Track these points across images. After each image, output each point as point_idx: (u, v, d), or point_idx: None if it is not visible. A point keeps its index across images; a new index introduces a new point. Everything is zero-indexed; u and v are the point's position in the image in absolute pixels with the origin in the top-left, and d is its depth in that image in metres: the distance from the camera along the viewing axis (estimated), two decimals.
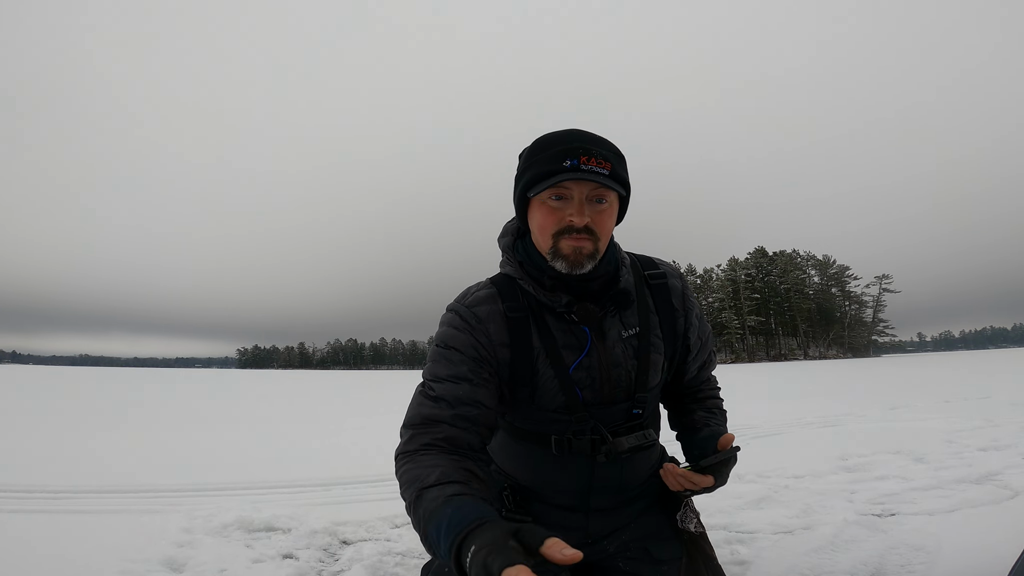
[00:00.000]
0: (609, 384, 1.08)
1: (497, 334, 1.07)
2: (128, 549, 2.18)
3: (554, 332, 1.08)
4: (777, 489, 3.08)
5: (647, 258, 1.23)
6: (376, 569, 2.05)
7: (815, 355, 69.92)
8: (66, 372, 38.26)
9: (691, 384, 1.25)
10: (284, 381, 26.70)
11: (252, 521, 2.58)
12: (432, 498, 0.83)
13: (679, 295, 1.19)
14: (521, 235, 1.16)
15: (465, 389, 1.02)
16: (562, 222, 1.02)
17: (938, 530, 2.26)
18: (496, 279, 1.15)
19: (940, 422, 5.56)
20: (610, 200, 1.04)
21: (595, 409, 1.08)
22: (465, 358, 1.05)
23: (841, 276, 74.00)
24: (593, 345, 1.08)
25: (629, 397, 1.10)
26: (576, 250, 1.02)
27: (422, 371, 1.10)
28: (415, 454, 0.96)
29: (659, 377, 1.15)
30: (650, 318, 1.14)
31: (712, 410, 1.22)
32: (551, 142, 1.04)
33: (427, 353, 1.12)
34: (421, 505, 0.84)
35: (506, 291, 1.11)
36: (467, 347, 1.06)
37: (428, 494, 0.84)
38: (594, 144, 1.02)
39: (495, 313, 1.09)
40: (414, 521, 0.86)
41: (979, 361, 25.51)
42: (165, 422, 7.36)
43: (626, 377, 1.09)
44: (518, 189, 1.08)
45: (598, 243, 1.03)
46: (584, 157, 0.99)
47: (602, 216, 1.03)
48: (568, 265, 1.03)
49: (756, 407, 7.60)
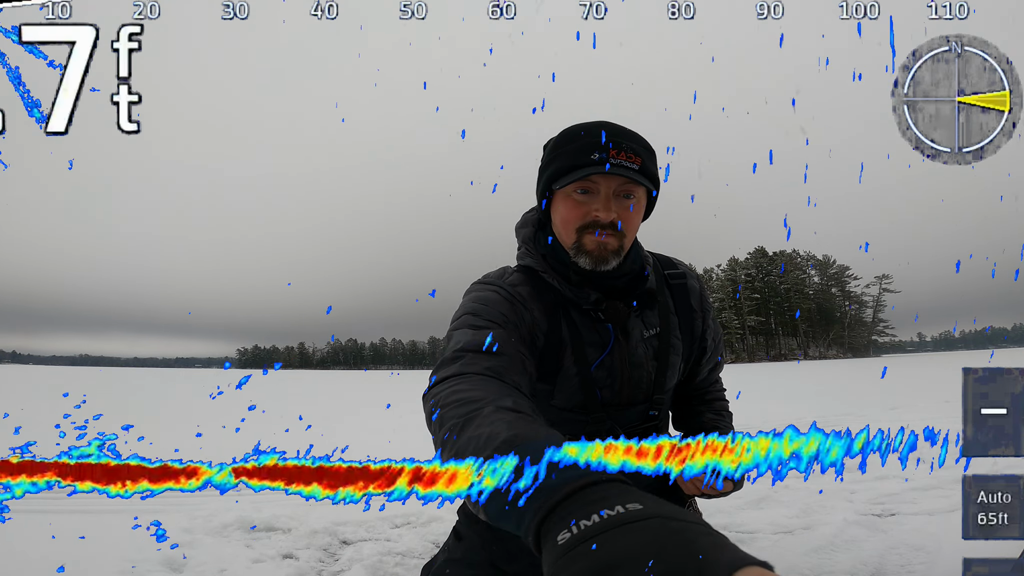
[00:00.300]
0: (629, 385, 1.06)
1: (537, 318, 1.00)
2: (128, 549, 2.18)
3: (580, 328, 1.04)
4: (777, 489, 3.08)
5: (666, 257, 1.20)
6: (376, 569, 2.05)
7: (815, 355, 69.96)
8: (71, 372, 38.27)
9: (700, 386, 1.23)
10: (285, 381, 26.69)
11: (252, 521, 2.58)
12: (522, 423, 0.58)
13: (697, 296, 1.17)
14: (541, 226, 1.11)
15: (502, 335, 0.89)
16: (587, 217, 0.99)
17: (938, 530, 2.26)
18: (519, 270, 1.09)
19: (940, 422, 5.55)
20: (638, 196, 1.00)
21: (612, 410, 1.06)
22: (507, 324, 0.94)
23: (841, 276, 74.06)
24: (616, 344, 1.05)
25: (647, 398, 1.08)
26: (600, 246, 0.98)
27: (445, 337, 0.96)
28: (461, 377, 0.77)
29: (676, 379, 1.13)
30: (670, 319, 1.11)
31: (720, 412, 1.21)
32: (579, 133, 1.00)
33: (447, 338, 0.94)
34: (489, 421, 0.59)
35: (534, 282, 1.06)
36: (509, 315, 0.96)
37: (503, 415, 0.60)
38: (624, 137, 0.98)
39: (533, 296, 1.02)
40: (460, 441, 0.59)
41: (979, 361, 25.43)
42: (163, 423, 7.36)
43: (646, 378, 1.07)
44: (543, 180, 1.04)
45: (623, 240, 1.00)
46: (614, 150, 0.95)
47: (629, 212, 1.00)
48: (592, 261, 0.99)
49: (756, 407, 7.60)
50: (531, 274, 1.06)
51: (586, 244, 0.99)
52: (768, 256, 74.54)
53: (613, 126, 1.00)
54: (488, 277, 1.07)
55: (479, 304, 0.97)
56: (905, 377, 14.88)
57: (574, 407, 1.05)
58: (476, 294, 1.00)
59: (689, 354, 1.16)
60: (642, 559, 0.34)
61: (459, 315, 0.97)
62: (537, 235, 1.10)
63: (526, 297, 1.01)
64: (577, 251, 1.00)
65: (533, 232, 1.10)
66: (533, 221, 1.12)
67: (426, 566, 1.17)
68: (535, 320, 1.00)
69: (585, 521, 0.39)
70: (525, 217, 1.15)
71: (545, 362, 1.01)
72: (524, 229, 1.12)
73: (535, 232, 1.10)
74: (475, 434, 0.57)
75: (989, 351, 45.86)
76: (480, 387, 0.72)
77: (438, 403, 0.70)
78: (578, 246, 1.00)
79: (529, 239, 1.10)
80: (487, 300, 0.97)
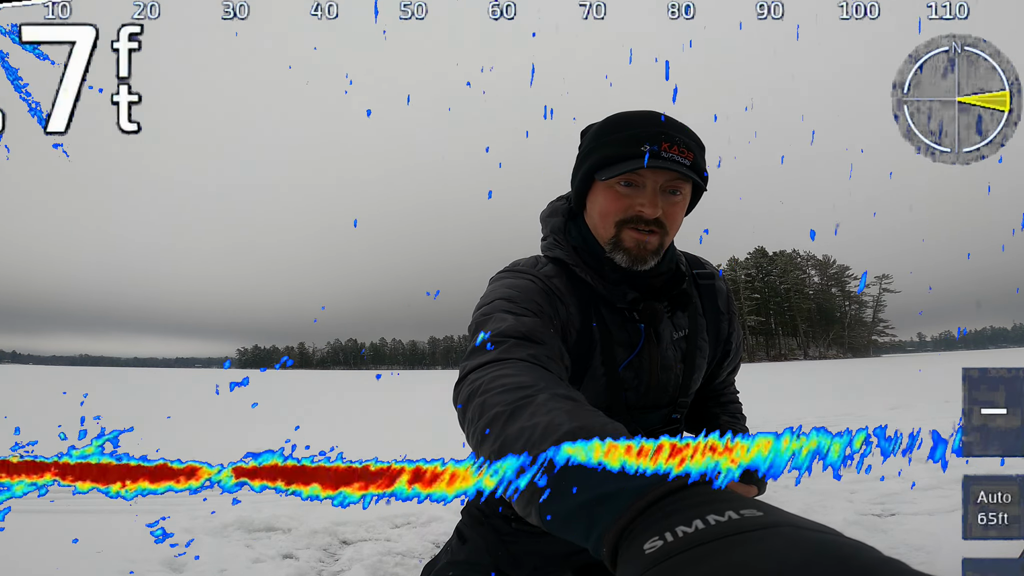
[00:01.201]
0: (656, 388, 1.02)
1: (572, 313, 0.94)
2: (128, 549, 2.18)
3: (610, 326, 0.98)
4: (777, 489, 3.08)
5: (695, 257, 1.14)
6: (376, 569, 2.05)
7: (815, 355, 69.99)
8: (71, 372, 38.27)
9: (716, 388, 1.20)
10: (285, 381, 26.69)
11: (252, 521, 2.58)
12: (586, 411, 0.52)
13: (725, 298, 1.12)
14: (572, 216, 1.04)
15: (541, 325, 0.83)
16: (630, 211, 0.92)
17: (938, 530, 2.26)
18: (552, 262, 1.01)
19: (940, 422, 5.56)
20: (684, 192, 0.94)
21: (636, 412, 1.02)
22: (542, 314, 0.87)
23: (841, 276, 74.08)
24: (645, 345, 1.00)
25: (672, 402, 1.04)
26: (640, 244, 0.92)
27: (470, 323, 0.88)
28: (503, 363, 0.69)
29: (700, 382, 1.10)
30: (698, 320, 1.07)
31: (735, 415, 1.18)
32: (629, 122, 0.94)
33: (474, 325, 0.86)
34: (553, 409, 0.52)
35: (567, 275, 0.99)
36: (545, 306, 0.90)
37: (564, 403, 0.54)
38: (676, 130, 0.92)
39: (568, 289, 0.96)
40: (509, 431, 0.51)
41: (979, 361, 25.47)
42: (163, 423, 7.36)
43: (673, 381, 1.03)
44: (583, 168, 0.97)
45: (665, 238, 0.94)
46: (666, 144, 0.89)
47: (675, 208, 0.94)
48: (630, 259, 0.93)
49: (756, 407, 7.59)
50: (563, 266, 0.99)
51: (625, 240, 0.93)
52: (768, 256, 74.57)
53: (667, 117, 0.94)
54: (519, 265, 1.00)
55: (514, 291, 0.90)
56: (905, 377, 14.88)
57: (597, 408, 1.03)
58: (510, 280, 0.93)
59: (713, 357, 1.12)
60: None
61: (489, 300, 0.89)
62: (568, 226, 1.02)
63: (562, 290, 0.95)
64: (614, 247, 0.94)
65: (563, 222, 1.03)
66: (563, 211, 1.04)
67: (427, 567, 1.16)
68: (570, 315, 0.93)
69: (685, 527, 0.31)
70: (553, 205, 1.07)
71: (576, 360, 0.95)
72: (553, 219, 1.05)
73: (565, 222, 1.03)
74: (529, 424, 0.50)
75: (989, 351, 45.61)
76: (527, 373, 0.64)
77: (477, 390, 0.61)
78: (616, 241, 0.94)
79: (559, 229, 1.03)
80: (522, 288, 0.91)
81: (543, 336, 0.79)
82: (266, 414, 8.82)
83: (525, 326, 0.79)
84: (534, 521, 0.44)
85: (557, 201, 1.08)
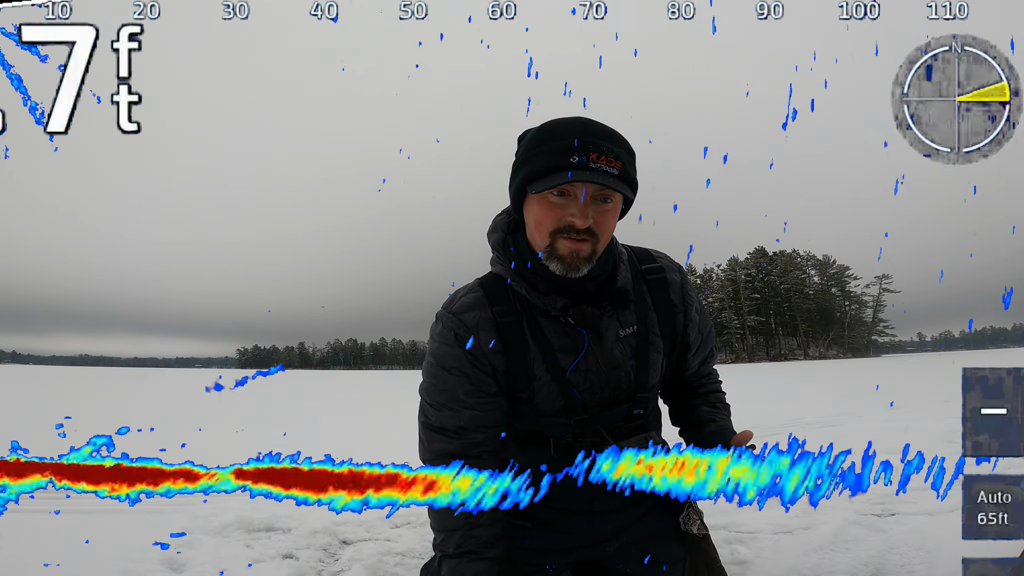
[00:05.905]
0: (608, 386, 1.05)
1: (488, 342, 1.03)
2: (128, 549, 2.18)
3: (548, 335, 1.04)
4: None
5: (644, 251, 1.16)
6: (376, 569, 2.06)
7: (815, 355, 69.97)
8: (71, 372, 38.28)
9: (692, 379, 1.21)
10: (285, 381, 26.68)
11: (252, 521, 2.58)
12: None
13: (678, 290, 1.14)
14: (512, 230, 1.09)
15: (466, 417, 1.01)
16: (562, 221, 0.96)
17: (938, 530, 2.26)
18: (485, 280, 1.10)
19: (940, 422, 5.55)
20: (615, 200, 0.98)
21: (596, 411, 1.05)
22: (461, 380, 1.02)
23: (841, 276, 74.05)
24: (590, 347, 1.04)
25: (630, 398, 1.07)
26: (574, 252, 0.96)
27: (419, 385, 1.07)
28: (455, 559, 1.01)
29: (659, 376, 1.12)
30: (648, 316, 1.09)
31: (716, 404, 1.18)
32: (557, 133, 0.96)
33: (421, 391, 1.09)
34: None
35: (496, 294, 1.06)
36: (461, 364, 1.03)
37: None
38: (604, 139, 0.95)
39: (484, 320, 1.04)
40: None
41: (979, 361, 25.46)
42: (163, 423, 7.36)
43: (626, 378, 1.06)
44: (516, 180, 1.01)
45: (597, 244, 0.98)
46: (594, 154, 0.92)
47: (605, 216, 0.97)
48: (564, 267, 0.97)
49: (756, 407, 7.60)
50: (498, 283, 1.07)
51: (559, 249, 0.97)
52: (768, 256, 74.51)
53: (594, 125, 0.97)
54: (446, 302, 1.09)
55: (433, 365, 1.06)
56: (905, 377, 14.88)
57: (556, 411, 1.06)
58: (432, 345, 1.07)
59: (671, 350, 1.14)
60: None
61: (426, 358, 1.09)
62: (507, 240, 1.08)
63: (472, 326, 1.03)
64: (549, 255, 0.98)
65: (503, 237, 1.08)
66: (503, 225, 1.10)
67: (425, 566, 1.17)
68: (483, 348, 1.03)
69: None
70: (496, 221, 1.12)
71: (513, 377, 1.04)
72: (494, 235, 1.10)
73: (504, 237, 1.08)
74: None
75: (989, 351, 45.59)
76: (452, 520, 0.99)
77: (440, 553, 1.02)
78: (551, 250, 0.98)
79: (499, 245, 1.08)
80: (437, 355, 1.05)
81: (463, 419, 1.02)
82: (266, 414, 8.82)
83: (446, 435, 1.04)
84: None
85: (500, 216, 1.12)
